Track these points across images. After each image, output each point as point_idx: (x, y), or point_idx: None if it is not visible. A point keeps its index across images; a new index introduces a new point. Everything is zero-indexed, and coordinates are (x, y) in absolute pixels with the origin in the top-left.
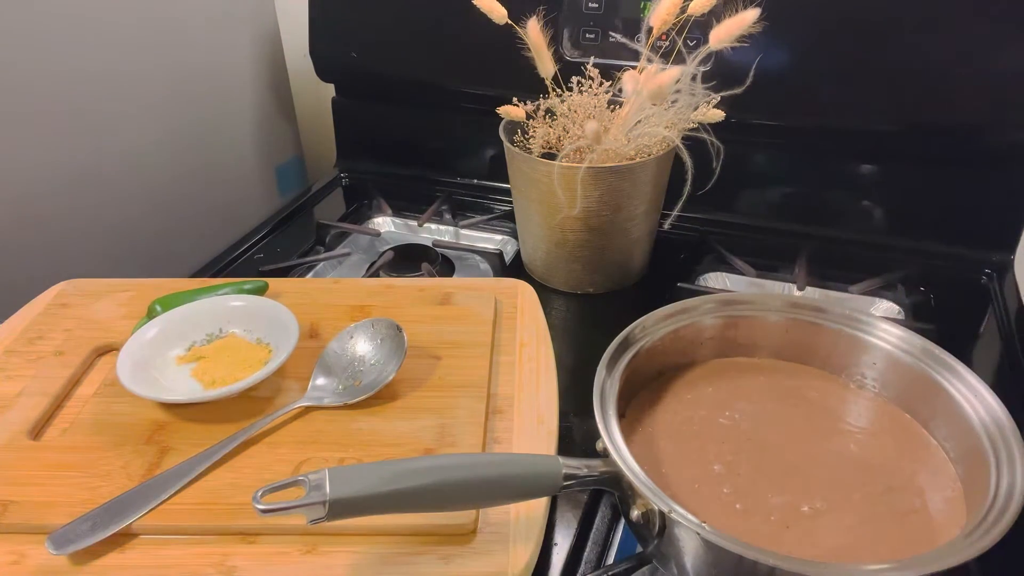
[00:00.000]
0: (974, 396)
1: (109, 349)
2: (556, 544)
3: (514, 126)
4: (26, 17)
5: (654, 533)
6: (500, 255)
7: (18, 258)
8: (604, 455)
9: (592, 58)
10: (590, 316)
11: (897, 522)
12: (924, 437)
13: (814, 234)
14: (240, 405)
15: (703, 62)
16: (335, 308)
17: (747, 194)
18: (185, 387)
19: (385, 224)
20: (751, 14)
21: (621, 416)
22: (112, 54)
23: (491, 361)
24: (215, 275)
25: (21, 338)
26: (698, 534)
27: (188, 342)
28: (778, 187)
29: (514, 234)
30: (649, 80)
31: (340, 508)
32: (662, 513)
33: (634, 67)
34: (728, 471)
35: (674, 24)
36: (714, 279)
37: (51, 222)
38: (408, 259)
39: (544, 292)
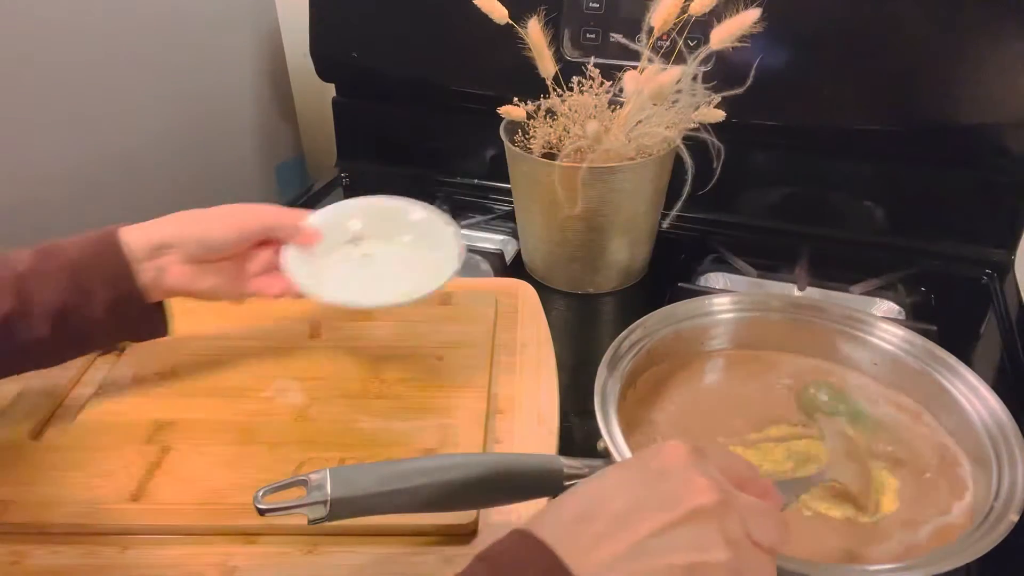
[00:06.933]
0: (975, 396)
1: (109, 350)
2: None
3: (515, 126)
4: (25, 18)
5: None
6: (500, 255)
7: None
8: (605, 455)
9: (593, 58)
10: (591, 316)
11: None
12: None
13: (814, 234)
14: (240, 403)
15: (704, 62)
16: (336, 308)
17: (747, 194)
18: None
19: None
20: (752, 14)
21: (622, 416)
22: (112, 54)
23: (491, 361)
24: None
25: None
26: None
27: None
28: (778, 187)
29: (514, 234)
30: (650, 80)
31: (341, 508)
32: None
33: (635, 67)
34: None
35: (675, 24)
36: (715, 279)
37: (51, 222)
38: None
39: (544, 292)
